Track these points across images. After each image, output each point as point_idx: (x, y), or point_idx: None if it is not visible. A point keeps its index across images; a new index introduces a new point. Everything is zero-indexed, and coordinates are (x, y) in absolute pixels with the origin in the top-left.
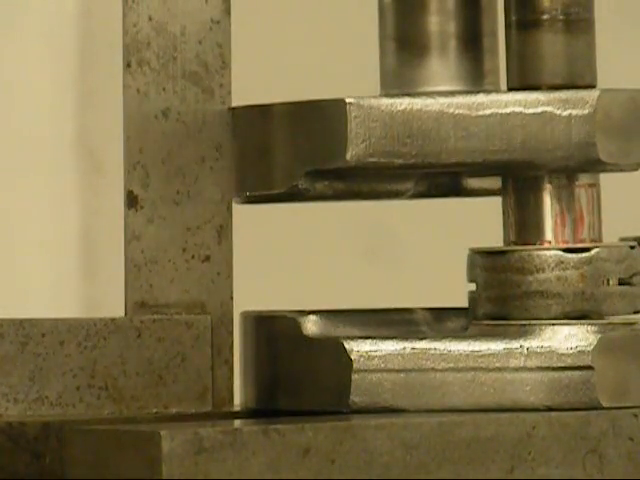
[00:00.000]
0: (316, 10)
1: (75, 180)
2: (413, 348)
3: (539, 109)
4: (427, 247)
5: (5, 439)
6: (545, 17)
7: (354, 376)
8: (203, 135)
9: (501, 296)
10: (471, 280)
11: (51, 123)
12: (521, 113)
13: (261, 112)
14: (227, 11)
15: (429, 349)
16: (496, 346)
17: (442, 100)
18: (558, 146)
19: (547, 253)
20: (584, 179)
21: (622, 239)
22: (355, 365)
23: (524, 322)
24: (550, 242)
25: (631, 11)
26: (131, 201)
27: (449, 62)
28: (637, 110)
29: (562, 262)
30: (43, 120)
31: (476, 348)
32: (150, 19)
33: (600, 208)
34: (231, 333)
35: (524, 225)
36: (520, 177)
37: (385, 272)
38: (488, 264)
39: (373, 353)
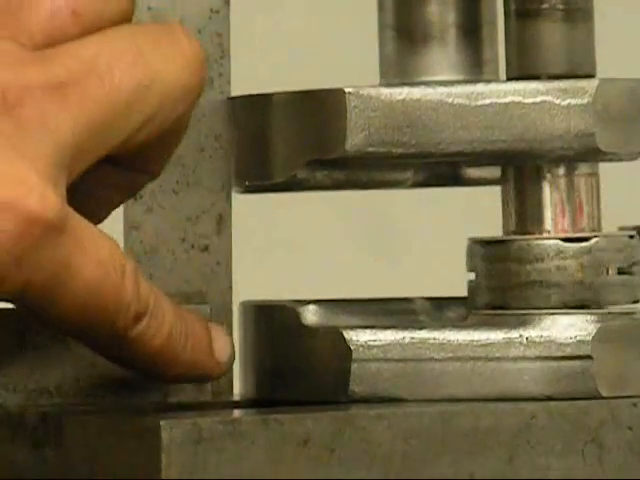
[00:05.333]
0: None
1: None
2: (412, 338)
3: (538, 99)
4: (426, 236)
5: (4, 429)
6: (544, 6)
7: (353, 366)
8: (202, 125)
9: (500, 286)
10: (470, 270)
11: None
12: (520, 103)
13: (260, 102)
14: (226, 0)
15: (428, 339)
16: (495, 336)
17: (441, 90)
18: (557, 136)
19: (546, 243)
20: (583, 169)
21: (621, 228)
22: (354, 355)
23: (523, 312)
24: (549, 232)
25: (630, 0)
26: None
27: (448, 51)
28: (636, 99)
29: (561, 252)
30: None
31: (475, 338)
32: (149, 8)
33: (599, 197)
34: (230, 323)
35: (523, 215)
36: (519, 167)
37: (384, 261)
38: (487, 254)
39: (372, 343)
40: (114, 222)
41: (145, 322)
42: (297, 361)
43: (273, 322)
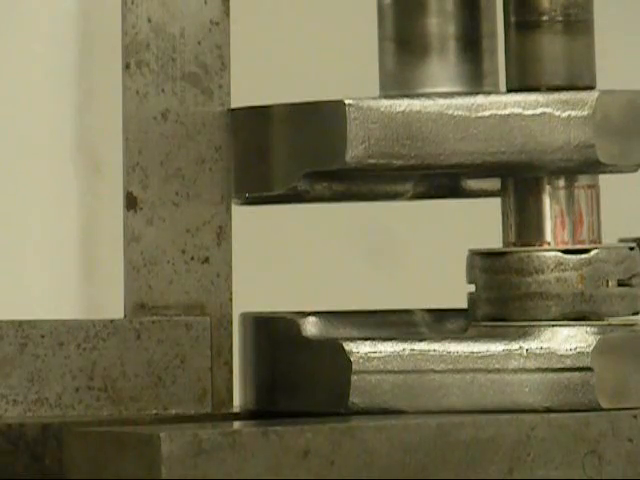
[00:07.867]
0: (315, 11)
1: (74, 181)
2: (412, 349)
3: (538, 110)
4: (426, 248)
5: (4, 440)
6: (544, 18)
7: (353, 377)
8: (202, 136)
9: (500, 297)
10: (470, 281)
11: (50, 124)
12: (520, 114)
13: (260, 113)
14: (226, 12)
15: (428, 350)
16: (495, 347)
17: (441, 101)
18: (557, 147)
19: (546, 254)
20: (583, 180)
21: (621, 240)
22: (354, 366)
23: (523, 323)
24: (549, 243)
25: (630, 12)
26: (130, 202)
27: (448, 63)
28: (636, 111)
29: (561, 263)
30: (42, 121)
31: (475, 349)
32: (149, 20)
33: (599, 209)
34: (230, 334)
35: (523, 226)
36: (519, 178)
37: (384, 273)
38: (487, 265)
39: (372, 354)
40: (114, 233)
41: None
42: (297, 373)
43: (273, 334)
